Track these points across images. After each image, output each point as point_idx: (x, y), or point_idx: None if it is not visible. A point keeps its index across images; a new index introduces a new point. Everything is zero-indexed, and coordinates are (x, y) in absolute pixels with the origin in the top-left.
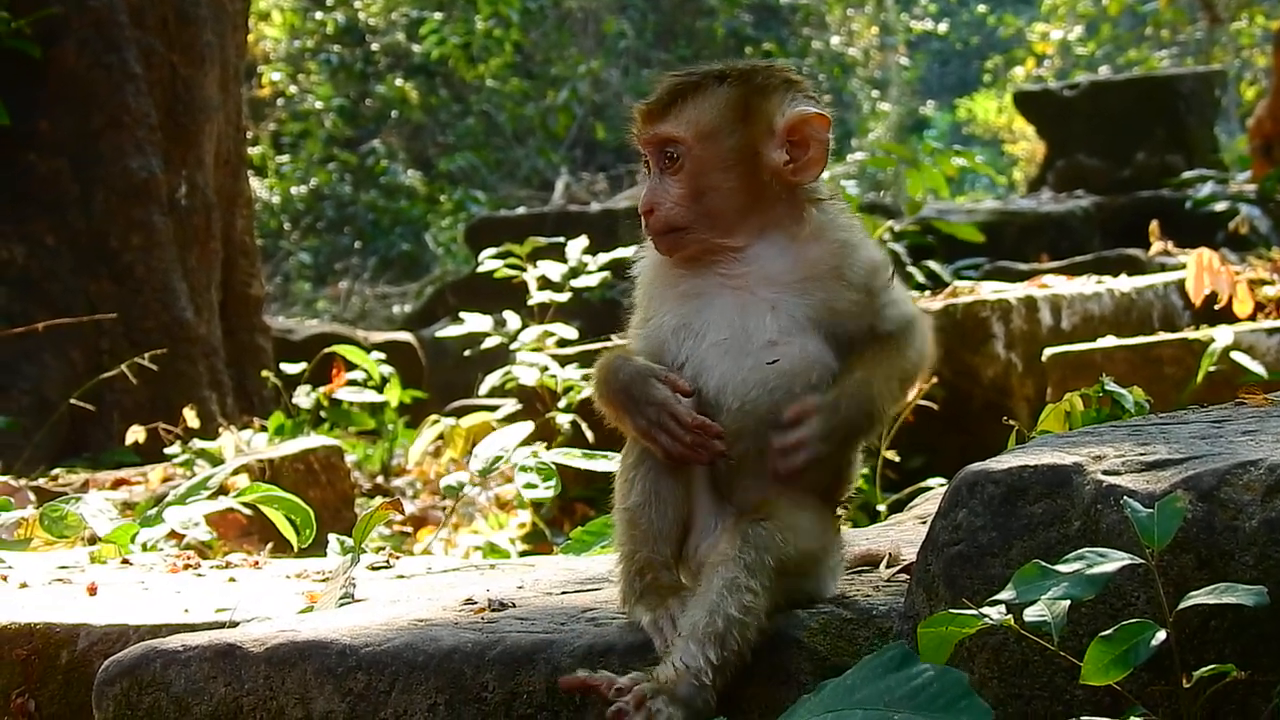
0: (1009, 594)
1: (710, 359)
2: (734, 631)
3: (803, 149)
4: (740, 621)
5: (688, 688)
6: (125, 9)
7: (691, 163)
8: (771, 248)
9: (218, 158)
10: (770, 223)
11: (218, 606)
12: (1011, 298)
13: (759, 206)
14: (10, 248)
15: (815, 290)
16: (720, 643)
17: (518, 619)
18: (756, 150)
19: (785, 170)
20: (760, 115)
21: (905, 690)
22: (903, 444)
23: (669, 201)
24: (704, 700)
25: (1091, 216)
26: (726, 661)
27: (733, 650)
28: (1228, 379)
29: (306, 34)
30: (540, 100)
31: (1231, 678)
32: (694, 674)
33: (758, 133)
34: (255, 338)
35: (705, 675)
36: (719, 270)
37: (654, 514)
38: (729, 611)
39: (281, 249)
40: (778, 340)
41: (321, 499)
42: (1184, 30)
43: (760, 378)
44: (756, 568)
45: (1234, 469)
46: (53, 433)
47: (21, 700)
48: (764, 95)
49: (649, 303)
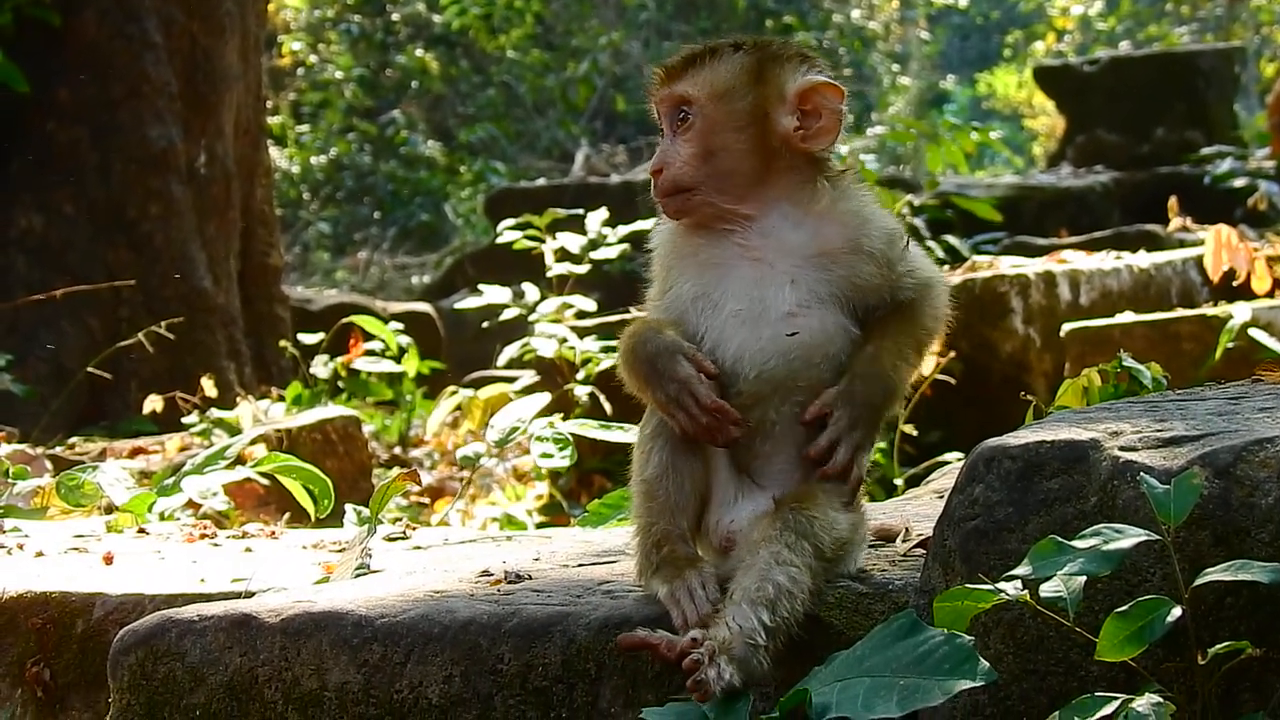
0: (1025, 569)
1: (729, 329)
2: (783, 600)
3: (814, 117)
4: (789, 592)
5: (743, 648)
6: None
7: (703, 121)
8: (786, 220)
9: (237, 127)
10: (782, 193)
11: (234, 576)
12: (1030, 273)
13: (768, 173)
14: (29, 216)
15: (835, 265)
16: (771, 608)
17: (534, 591)
18: (767, 114)
19: (795, 137)
20: (773, 81)
21: (912, 656)
22: (920, 418)
23: (679, 161)
24: (758, 661)
25: (1111, 192)
26: (778, 627)
27: (782, 617)
28: (1245, 355)
29: (327, 3)
30: (561, 72)
31: (1247, 655)
32: (748, 634)
33: (769, 96)
34: (273, 307)
35: (759, 636)
36: (736, 241)
37: (671, 486)
38: (778, 579)
39: (301, 219)
40: (796, 312)
41: (339, 469)
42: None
43: (779, 348)
44: (798, 549)
45: (1251, 446)
46: (70, 401)
47: (37, 669)
48: (778, 63)
49: (667, 273)
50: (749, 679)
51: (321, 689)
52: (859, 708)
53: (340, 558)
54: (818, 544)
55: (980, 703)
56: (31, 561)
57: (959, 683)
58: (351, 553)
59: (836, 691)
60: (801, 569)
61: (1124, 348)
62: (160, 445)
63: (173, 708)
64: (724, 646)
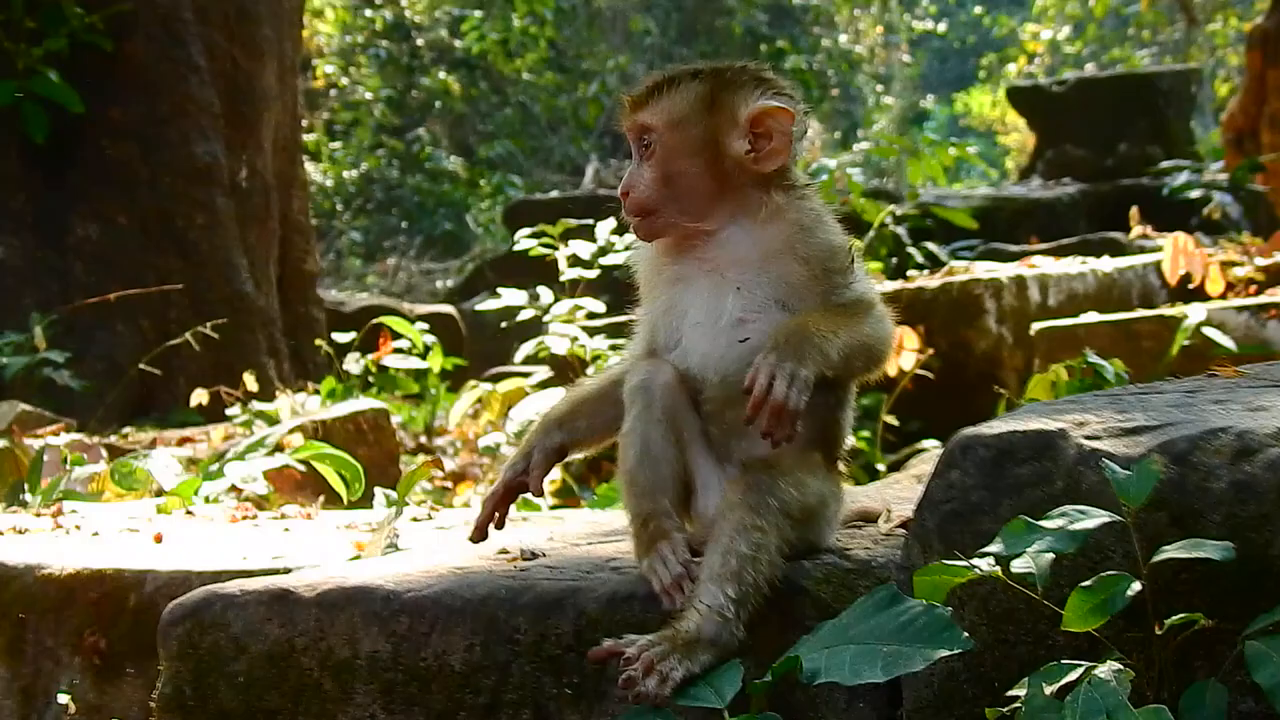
0: (997, 547)
1: (692, 338)
2: (747, 568)
3: (766, 139)
4: (752, 558)
5: (712, 625)
6: (190, 6)
7: (662, 149)
8: (739, 231)
9: (275, 144)
10: (739, 209)
11: (273, 554)
12: (1003, 277)
13: (725, 192)
14: (85, 225)
15: (773, 268)
16: (736, 579)
17: (547, 567)
18: (718, 139)
19: (747, 159)
20: (725, 107)
21: (894, 625)
22: (901, 409)
23: (642, 185)
24: (729, 633)
25: (1077, 202)
26: (745, 596)
27: (749, 585)
28: (1200, 352)
29: (357, 30)
30: (572, 92)
31: (1200, 626)
32: (716, 611)
33: (722, 123)
34: (309, 309)
35: (727, 610)
36: (697, 255)
37: (649, 470)
38: (740, 550)
39: (334, 228)
40: (746, 318)
41: (369, 456)
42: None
43: (736, 354)
44: (761, 508)
45: (1205, 435)
46: (124, 394)
47: (94, 639)
48: (731, 90)
49: (646, 291)
50: (724, 652)
51: (354, 657)
52: (846, 673)
53: (371, 537)
54: (783, 501)
55: (956, 669)
56: (88, 541)
57: (938, 650)
58: (381, 532)
59: (825, 658)
60: (767, 529)
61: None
62: (206, 435)
63: (217, 674)
64: (685, 637)
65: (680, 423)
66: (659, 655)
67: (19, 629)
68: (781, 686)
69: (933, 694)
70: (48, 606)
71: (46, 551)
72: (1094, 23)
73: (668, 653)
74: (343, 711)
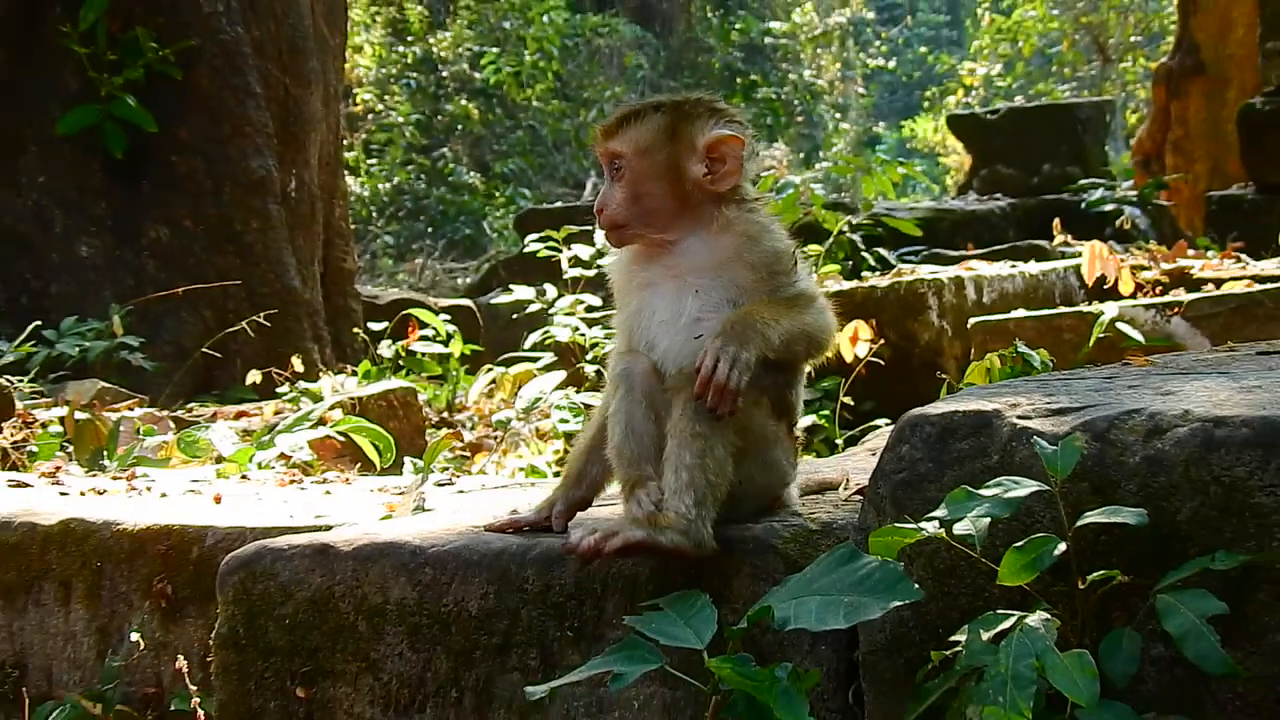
0: (942, 512)
1: (658, 335)
2: (697, 474)
3: (720, 163)
4: (700, 464)
5: (681, 524)
6: (249, 41)
7: (630, 173)
8: (697, 241)
9: (320, 160)
10: (697, 222)
11: (316, 513)
12: (944, 277)
13: (685, 209)
14: (157, 229)
15: (725, 273)
16: (691, 486)
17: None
18: (679, 164)
19: (704, 181)
20: (685, 136)
21: (853, 579)
22: (857, 391)
23: (614, 203)
24: (696, 532)
25: (1008, 214)
26: (703, 498)
27: (703, 488)
28: (1113, 344)
29: (391, 63)
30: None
31: (1118, 581)
32: (681, 516)
33: (682, 150)
34: (348, 302)
35: (689, 513)
36: (663, 263)
37: (633, 443)
38: (686, 460)
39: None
40: (701, 317)
41: (399, 429)
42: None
43: (691, 349)
44: (698, 419)
45: (1121, 415)
46: (189, 375)
47: (161, 585)
48: (689, 120)
49: (620, 295)
50: (700, 547)
51: (385, 603)
52: (813, 620)
53: (400, 499)
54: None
55: (905, 617)
56: (157, 501)
57: (892, 600)
58: (409, 495)
59: (793, 607)
60: (709, 435)
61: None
62: (259, 410)
63: (267, 617)
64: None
65: (656, 403)
66: (615, 524)
67: (97, 576)
68: (754, 631)
69: (885, 638)
70: (122, 557)
71: (121, 510)
72: (1022, 61)
73: (626, 522)
74: (374, 650)
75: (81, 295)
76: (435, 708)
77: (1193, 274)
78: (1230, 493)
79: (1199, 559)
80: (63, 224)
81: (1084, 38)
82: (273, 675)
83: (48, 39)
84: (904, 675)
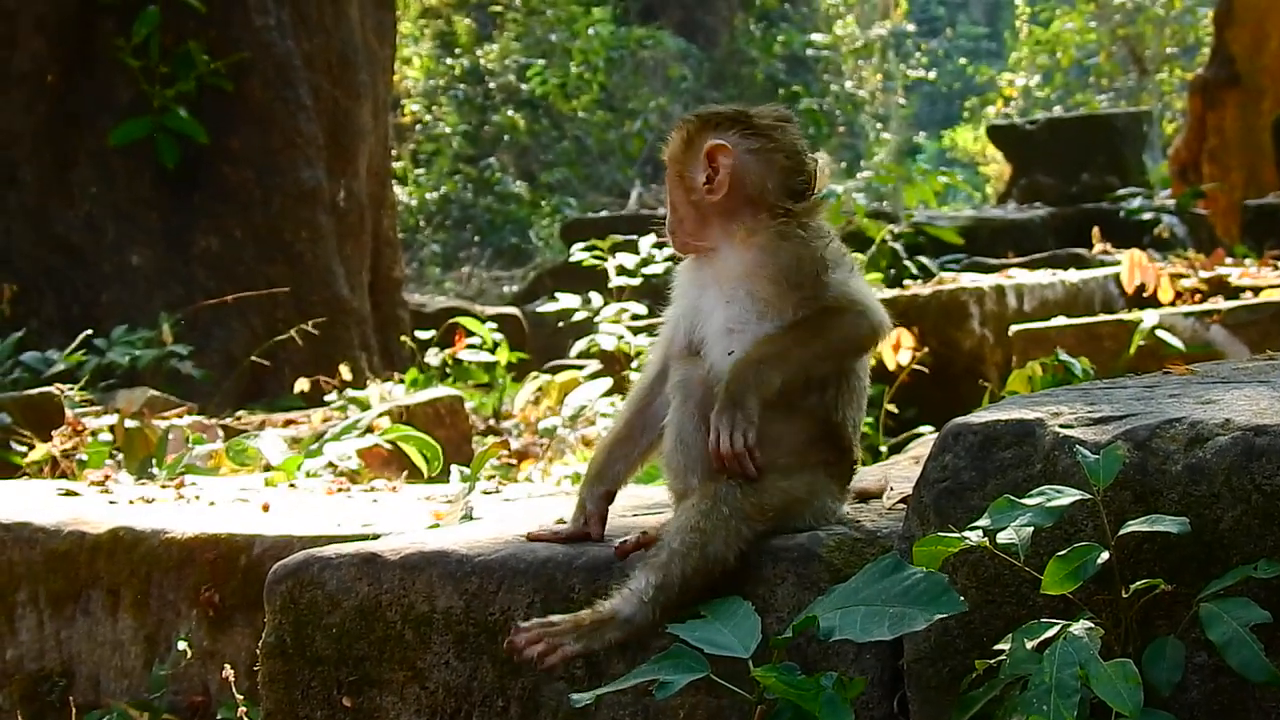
0: (985, 521)
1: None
2: (675, 561)
3: (716, 172)
4: (682, 554)
5: (629, 605)
6: (299, 54)
7: (667, 181)
8: (729, 251)
9: (369, 170)
10: (731, 231)
11: (363, 522)
12: (985, 286)
13: (706, 217)
14: (208, 238)
15: (749, 285)
16: (664, 569)
17: None
18: (686, 174)
19: (703, 189)
20: (694, 146)
21: (899, 590)
22: (900, 399)
23: (667, 210)
24: (643, 614)
25: (1047, 223)
26: (669, 583)
27: (675, 576)
28: (1153, 351)
29: (439, 75)
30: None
31: (1160, 590)
32: (636, 594)
33: (690, 159)
34: (396, 310)
35: (646, 594)
36: (708, 267)
37: (681, 454)
38: (673, 545)
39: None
40: (733, 328)
41: (446, 437)
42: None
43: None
44: (710, 513)
45: (1163, 424)
46: (238, 383)
47: (209, 594)
48: (706, 130)
49: (677, 290)
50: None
51: (431, 612)
52: (858, 631)
53: (447, 508)
54: (735, 509)
55: (949, 626)
56: (205, 509)
57: (937, 611)
58: (456, 504)
59: (839, 617)
60: (707, 531)
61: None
62: (307, 418)
63: (314, 626)
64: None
65: (707, 413)
66: (556, 632)
67: (145, 584)
68: (798, 639)
69: (930, 647)
70: (170, 565)
71: (170, 518)
72: (1060, 72)
73: (567, 631)
74: (421, 659)
75: (132, 304)
76: (481, 717)
77: (1231, 282)
78: (1272, 501)
79: (1241, 567)
80: (114, 234)
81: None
82: (319, 684)
83: (101, 52)
84: (949, 683)
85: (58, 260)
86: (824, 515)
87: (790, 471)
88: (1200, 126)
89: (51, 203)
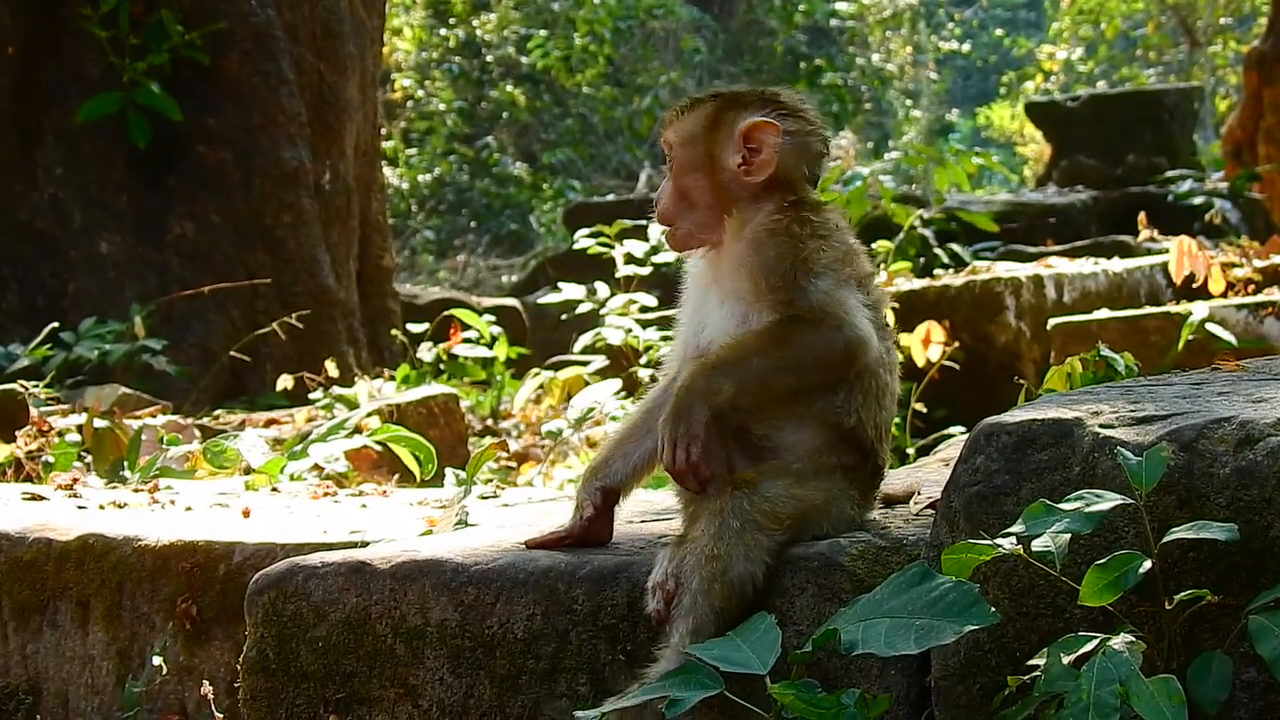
0: (1019, 528)
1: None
2: (700, 600)
3: (756, 151)
4: (705, 590)
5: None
6: (281, 24)
7: (675, 164)
8: (731, 246)
9: (356, 150)
10: (739, 223)
11: (351, 529)
12: (1021, 276)
13: (728, 205)
14: (182, 224)
15: (736, 282)
16: (692, 613)
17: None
18: (716, 154)
19: (739, 171)
20: (725, 125)
21: (925, 600)
22: (929, 397)
23: (665, 198)
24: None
25: (1089, 208)
26: (702, 624)
27: (704, 615)
28: (1203, 346)
29: (432, 47)
30: (627, 105)
31: (1206, 601)
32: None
33: (720, 139)
34: (386, 302)
35: (684, 645)
36: (712, 265)
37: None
38: (693, 586)
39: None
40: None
41: (440, 438)
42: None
43: None
44: (719, 533)
45: (1210, 424)
46: (216, 379)
47: (186, 605)
48: (733, 109)
49: (684, 294)
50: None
51: (424, 625)
52: (882, 645)
53: (441, 513)
54: (747, 521)
55: (980, 639)
56: (182, 515)
57: (967, 624)
58: (451, 509)
59: (861, 630)
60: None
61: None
62: (291, 417)
63: (299, 640)
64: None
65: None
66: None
67: (117, 595)
68: (819, 654)
69: (959, 662)
70: (144, 575)
71: (143, 524)
72: (1105, 44)
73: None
74: (413, 675)
75: (101, 295)
76: None
77: None
78: None
79: None
80: (82, 219)
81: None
82: (304, 702)
83: (67, 22)
84: (979, 701)
85: (21, 247)
86: (845, 522)
87: (804, 478)
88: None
89: (14, 185)
